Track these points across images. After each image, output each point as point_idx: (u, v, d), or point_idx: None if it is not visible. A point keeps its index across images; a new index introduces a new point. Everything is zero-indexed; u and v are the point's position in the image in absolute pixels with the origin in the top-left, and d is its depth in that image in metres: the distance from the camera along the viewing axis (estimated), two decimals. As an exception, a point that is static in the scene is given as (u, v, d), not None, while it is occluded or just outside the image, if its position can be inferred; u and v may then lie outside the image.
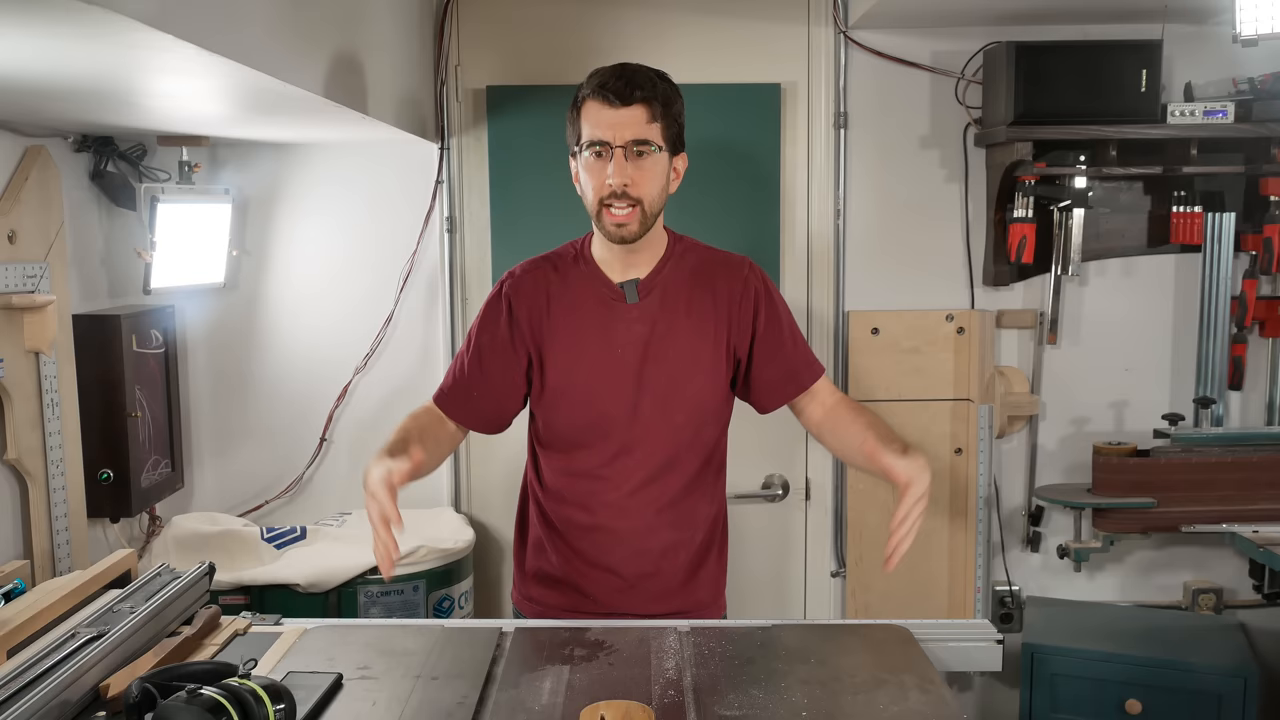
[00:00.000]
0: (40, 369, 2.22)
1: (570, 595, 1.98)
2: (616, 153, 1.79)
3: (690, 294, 1.93)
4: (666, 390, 1.91)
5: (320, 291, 2.99)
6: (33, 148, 2.26)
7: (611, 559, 1.95)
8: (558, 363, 1.92)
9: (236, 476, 3.01)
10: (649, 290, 1.92)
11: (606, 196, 1.81)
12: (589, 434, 1.93)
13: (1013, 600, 3.06)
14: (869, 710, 1.51)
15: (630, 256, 1.91)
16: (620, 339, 1.91)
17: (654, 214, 1.85)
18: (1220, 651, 2.70)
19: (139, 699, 1.37)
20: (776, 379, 1.98)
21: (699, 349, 1.92)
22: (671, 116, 1.84)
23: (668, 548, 1.96)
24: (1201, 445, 2.83)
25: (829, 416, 1.99)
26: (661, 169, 1.84)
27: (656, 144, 1.81)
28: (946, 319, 2.98)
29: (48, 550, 2.24)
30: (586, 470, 1.94)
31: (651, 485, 1.94)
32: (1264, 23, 2.23)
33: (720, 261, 1.98)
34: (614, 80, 1.79)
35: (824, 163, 2.97)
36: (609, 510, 1.94)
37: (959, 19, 2.82)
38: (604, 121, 1.79)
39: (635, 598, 1.96)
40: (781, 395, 2.00)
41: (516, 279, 1.97)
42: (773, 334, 1.96)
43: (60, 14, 1.10)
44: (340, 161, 2.95)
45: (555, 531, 1.99)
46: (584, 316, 1.92)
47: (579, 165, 1.86)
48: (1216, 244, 2.84)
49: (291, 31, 1.75)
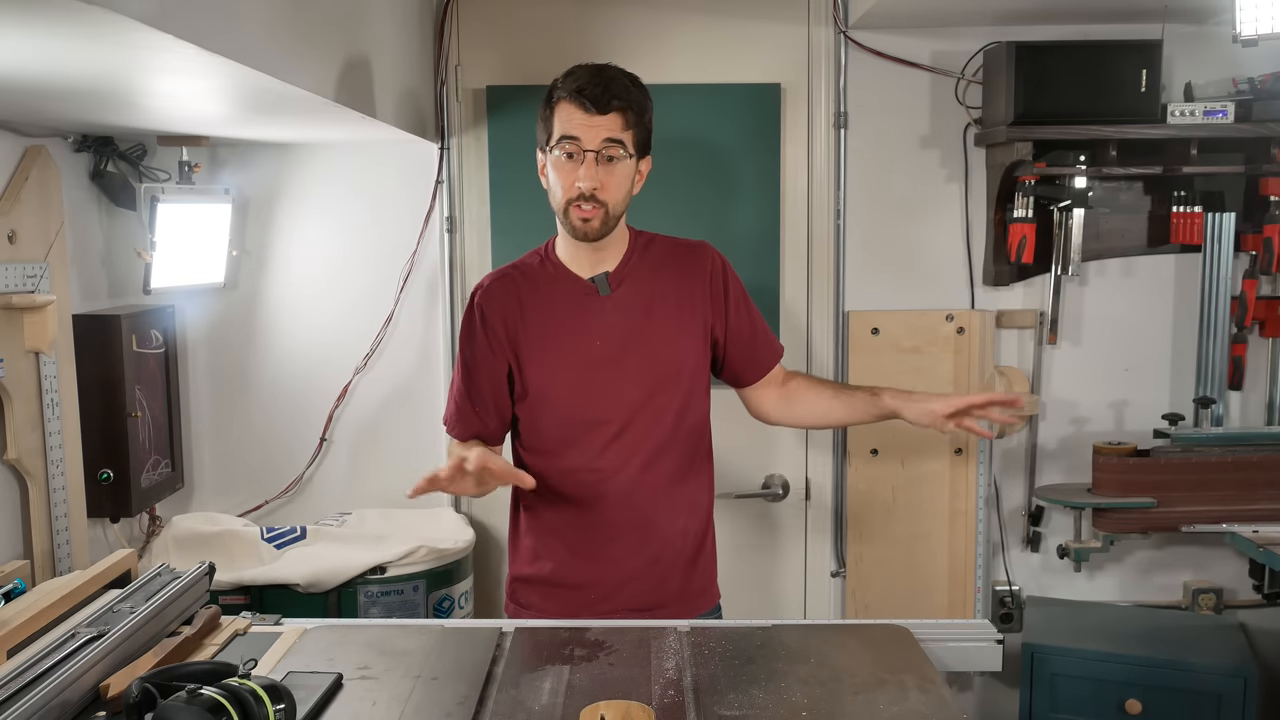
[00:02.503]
0: (40, 369, 2.22)
1: (565, 599, 1.98)
2: (588, 157, 1.83)
3: (660, 280, 1.97)
4: (651, 375, 1.94)
5: (320, 291, 2.99)
6: (33, 148, 2.26)
7: (613, 550, 1.95)
8: (537, 365, 1.94)
9: (236, 476, 3.01)
10: (620, 281, 1.96)
11: (575, 198, 1.85)
12: (579, 429, 1.94)
13: (1013, 600, 3.06)
14: (869, 710, 1.51)
15: (596, 254, 1.95)
16: (598, 331, 1.94)
17: (617, 216, 1.91)
18: (1220, 651, 2.70)
19: (139, 699, 1.37)
20: (751, 353, 2.06)
21: (677, 331, 1.97)
22: (644, 124, 1.89)
23: (670, 534, 1.97)
24: (1201, 445, 2.83)
25: (788, 390, 2.10)
26: (628, 173, 1.89)
27: (627, 150, 1.86)
28: (946, 319, 2.98)
29: (48, 550, 2.24)
30: (581, 465, 1.95)
31: (648, 471, 1.95)
32: (1264, 23, 2.23)
33: (683, 247, 2.04)
34: (591, 86, 1.82)
35: (824, 163, 2.97)
36: (608, 502, 1.95)
37: (959, 19, 2.82)
38: (578, 125, 1.83)
39: (635, 589, 1.96)
40: (756, 369, 2.08)
41: (486, 290, 2.00)
42: (742, 310, 2.04)
43: (60, 14, 1.10)
44: (340, 161, 2.95)
45: (551, 534, 1.99)
46: (559, 315, 1.95)
47: (548, 161, 1.90)
48: (1216, 244, 2.84)
49: (291, 31, 1.75)
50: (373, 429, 3.03)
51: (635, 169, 1.91)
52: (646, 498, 1.96)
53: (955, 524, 3.02)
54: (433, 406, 3.02)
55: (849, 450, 3.02)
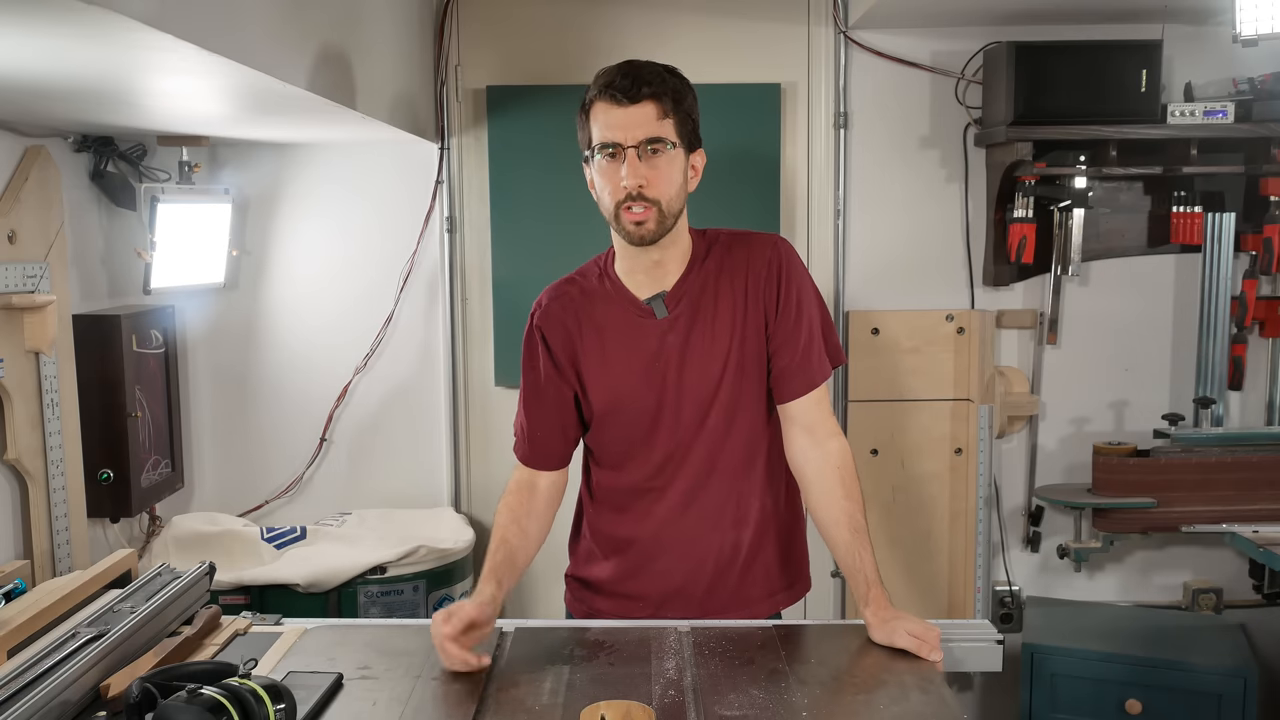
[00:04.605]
0: (40, 369, 2.22)
1: (621, 606, 1.93)
2: (629, 153, 1.71)
3: (719, 293, 1.84)
4: (707, 392, 1.83)
5: (320, 291, 2.99)
6: (33, 148, 2.26)
7: (660, 566, 1.90)
8: (598, 386, 1.86)
9: (236, 476, 3.01)
10: (677, 300, 1.83)
11: (623, 199, 1.73)
12: (638, 448, 1.87)
13: (1013, 600, 3.06)
14: (869, 710, 1.51)
15: (655, 267, 1.83)
16: (655, 354, 1.83)
17: (673, 214, 1.77)
18: (1220, 651, 2.70)
19: (139, 699, 1.37)
20: (786, 368, 1.84)
21: (735, 344, 1.83)
22: (684, 112, 1.77)
23: (720, 547, 1.90)
24: (1201, 445, 2.83)
25: (818, 480, 1.83)
26: (678, 166, 1.77)
27: (670, 140, 1.74)
28: (946, 319, 2.98)
29: (48, 550, 2.24)
30: (634, 484, 1.89)
31: (700, 493, 1.87)
32: (1264, 23, 2.23)
33: (746, 244, 1.87)
34: (620, 78, 1.72)
35: (824, 163, 2.97)
36: (657, 523, 1.89)
37: (959, 19, 2.82)
38: (614, 122, 1.72)
39: (682, 602, 1.90)
40: (788, 389, 1.84)
41: (545, 309, 1.89)
42: (790, 314, 1.83)
43: (60, 14, 1.10)
44: (340, 161, 2.95)
45: (604, 542, 1.95)
46: (615, 338, 1.85)
47: (593, 170, 1.78)
48: (1216, 244, 2.84)
49: (291, 31, 1.75)
50: (373, 429, 3.03)
51: (685, 162, 1.79)
52: (696, 516, 1.88)
53: (955, 524, 3.02)
54: (433, 406, 3.02)
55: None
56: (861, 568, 1.76)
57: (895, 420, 3.00)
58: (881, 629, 1.70)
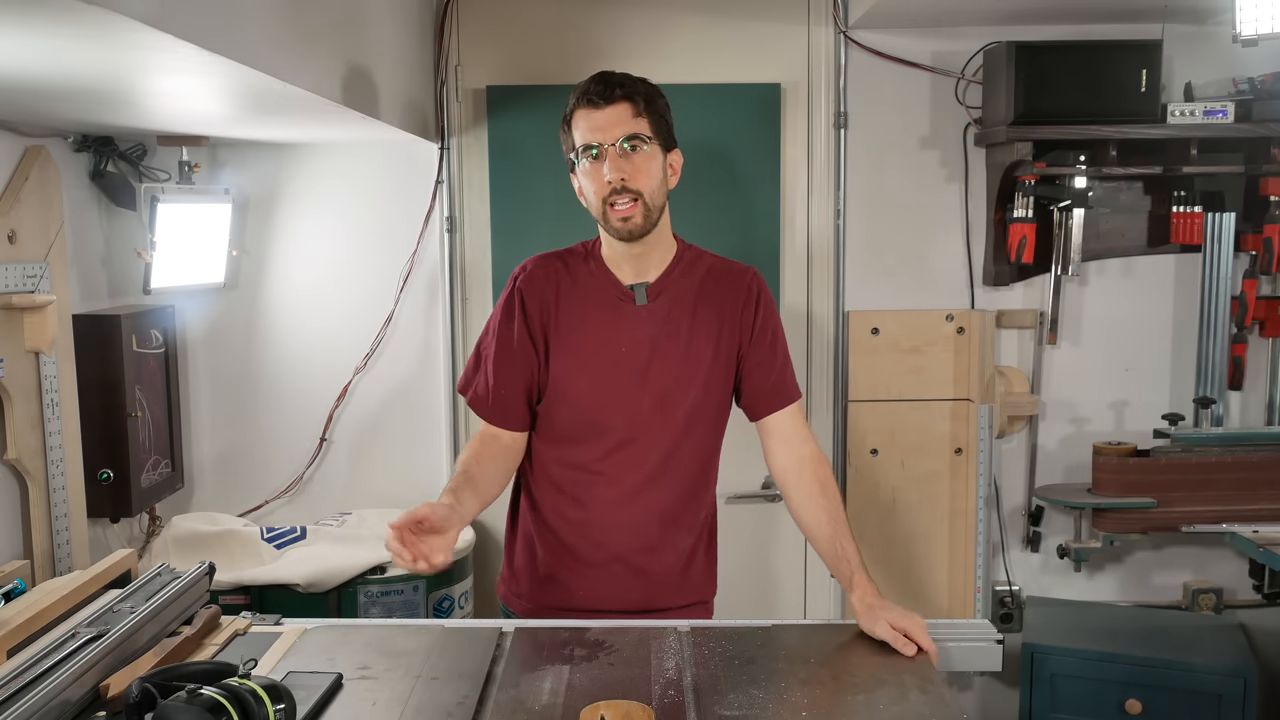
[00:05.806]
0: (40, 369, 2.22)
1: (556, 592, 1.98)
2: (610, 150, 1.82)
3: (698, 299, 1.95)
4: (669, 391, 1.92)
5: (320, 291, 2.99)
6: (33, 148, 2.26)
7: (600, 555, 1.95)
8: (562, 359, 1.93)
9: (236, 476, 3.01)
10: (658, 293, 1.93)
11: (608, 195, 1.83)
12: (588, 430, 1.94)
13: (1013, 600, 3.06)
14: (869, 710, 1.51)
15: (639, 261, 1.93)
16: (626, 339, 1.91)
17: (656, 207, 1.87)
18: (1220, 651, 2.70)
19: (139, 699, 1.37)
20: (763, 387, 1.97)
21: (704, 353, 1.93)
22: (657, 112, 1.87)
23: (658, 551, 1.96)
24: (1201, 445, 2.83)
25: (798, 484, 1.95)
26: (657, 162, 1.87)
27: (646, 136, 1.84)
28: (946, 319, 2.98)
29: (48, 550, 2.24)
30: (582, 464, 1.95)
31: (648, 487, 1.94)
32: (1264, 23, 2.23)
33: (727, 270, 2.00)
34: (594, 85, 1.85)
35: (824, 163, 2.97)
36: (601, 506, 1.94)
37: (959, 19, 2.82)
38: (593, 125, 1.83)
39: (622, 596, 1.96)
40: (766, 405, 1.98)
41: (529, 273, 1.98)
42: (766, 340, 1.98)
43: (60, 14, 1.10)
44: (340, 161, 2.95)
45: (545, 525, 1.98)
46: (590, 315, 1.93)
47: (579, 176, 1.89)
48: (1216, 244, 2.84)
49: (291, 31, 1.75)
50: (373, 429, 3.03)
51: (664, 159, 1.89)
52: (643, 513, 1.94)
53: (955, 524, 3.02)
54: (433, 406, 3.02)
55: (849, 450, 3.02)
56: (845, 555, 1.86)
57: (895, 420, 3.00)
58: (867, 615, 1.77)
